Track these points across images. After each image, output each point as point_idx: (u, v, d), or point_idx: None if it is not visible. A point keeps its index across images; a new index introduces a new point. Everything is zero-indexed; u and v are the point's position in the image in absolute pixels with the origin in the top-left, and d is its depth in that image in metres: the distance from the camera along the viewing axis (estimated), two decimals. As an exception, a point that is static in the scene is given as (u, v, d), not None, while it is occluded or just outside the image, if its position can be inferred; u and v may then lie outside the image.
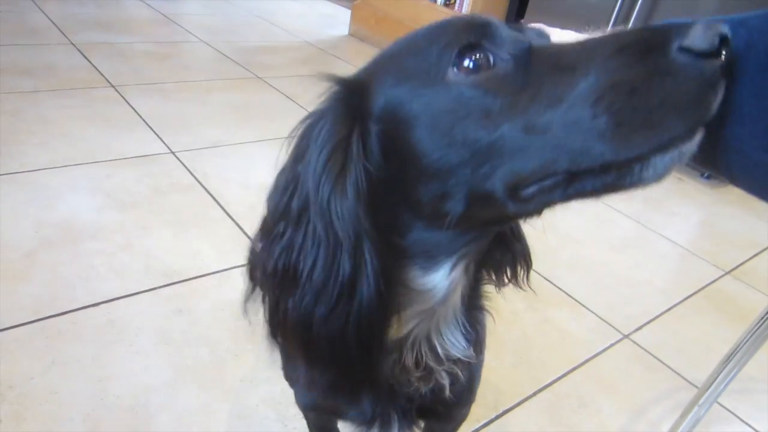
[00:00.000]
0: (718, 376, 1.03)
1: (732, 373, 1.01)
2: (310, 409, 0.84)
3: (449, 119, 0.45)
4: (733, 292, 1.75)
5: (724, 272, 1.84)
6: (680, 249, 1.95)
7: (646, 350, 1.44)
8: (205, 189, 1.76)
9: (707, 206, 2.35)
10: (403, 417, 0.68)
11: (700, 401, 1.05)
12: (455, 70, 0.45)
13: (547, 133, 0.42)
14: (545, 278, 1.66)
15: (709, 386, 1.04)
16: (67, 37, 2.78)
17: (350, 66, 3.16)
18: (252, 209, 1.70)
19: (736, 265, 1.89)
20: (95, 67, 2.49)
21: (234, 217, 1.65)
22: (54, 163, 1.73)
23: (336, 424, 0.97)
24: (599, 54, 0.41)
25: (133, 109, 2.18)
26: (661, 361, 1.42)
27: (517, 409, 1.21)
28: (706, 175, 2.59)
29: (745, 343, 0.97)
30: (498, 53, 0.45)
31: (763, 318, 0.95)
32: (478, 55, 0.45)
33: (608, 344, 1.45)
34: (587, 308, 1.56)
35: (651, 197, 2.31)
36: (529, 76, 0.44)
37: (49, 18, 3.00)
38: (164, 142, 1.98)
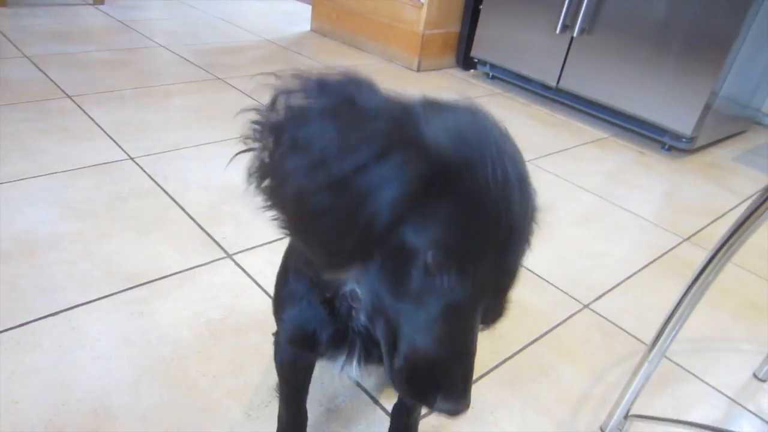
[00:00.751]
0: (662, 331, 1.06)
1: (676, 328, 1.04)
2: (289, 340, 0.83)
3: None
4: (691, 258, 1.80)
5: (682, 239, 1.88)
6: (641, 220, 2.00)
7: (605, 318, 1.48)
8: (165, 192, 1.76)
9: (668, 176, 2.39)
10: (363, 348, 0.74)
11: (649, 357, 1.08)
12: None
13: None
14: (507, 256, 1.68)
15: (656, 342, 1.07)
16: (20, 50, 2.75)
17: (312, 61, 3.17)
18: (213, 208, 1.71)
19: (695, 232, 1.93)
20: (50, 78, 2.47)
21: (195, 218, 1.66)
22: (10, 177, 1.72)
23: (309, 376, 0.98)
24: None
25: (91, 118, 2.17)
26: (620, 327, 1.45)
27: (478, 382, 1.24)
28: (667, 147, 2.64)
29: (686, 297, 1.00)
30: None
31: (701, 270, 0.98)
32: None
33: (568, 315, 1.48)
34: (549, 282, 1.59)
35: (613, 172, 2.35)
36: None
37: (0, 32, 2.97)
38: (123, 149, 1.97)
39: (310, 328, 0.75)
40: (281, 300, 0.82)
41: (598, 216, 1.99)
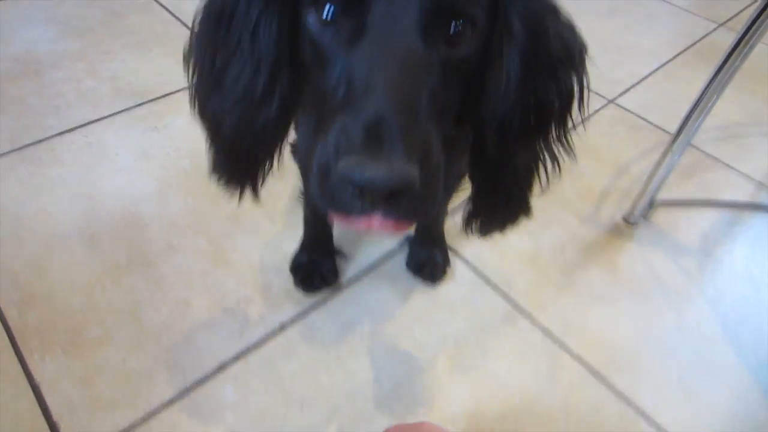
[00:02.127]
0: (688, 118, 1.01)
1: (703, 114, 0.99)
2: None
3: None
4: (725, 44, 1.67)
5: (717, 24, 1.75)
6: (671, 7, 1.84)
7: (631, 112, 1.43)
8: (163, 6, 1.65)
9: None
10: None
11: (674, 145, 1.05)
12: None
13: None
14: (530, 55, 1.59)
15: (682, 129, 1.03)
16: None
17: None
18: (215, 19, 1.61)
19: (731, 16, 1.79)
20: None
21: (198, 30, 1.57)
22: (-2, -4, 1.62)
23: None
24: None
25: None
26: (647, 120, 1.41)
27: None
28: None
29: (713, 82, 0.94)
30: None
31: (729, 53, 0.91)
32: None
33: (592, 111, 1.43)
34: (573, 79, 1.52)
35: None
36: None
37: None
38: (111, -40, 1.82)
39: None
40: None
41: (624, 6, 1.84)
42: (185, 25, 1.59)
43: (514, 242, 1.11)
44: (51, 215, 1.08)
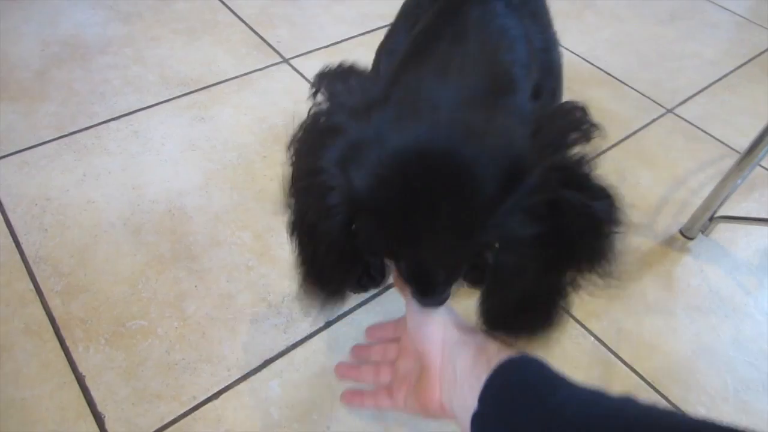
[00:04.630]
0: (761, 138, 0.96)
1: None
2: None
3: None
4: (790, 58, 1.61)
5: (782, 36, 1.68)
6: (736, 17, 1.78)
7: (690, 122, 1.37)
8: (211, -7, 1.63)
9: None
10: None
11: (742, 164, 1.00)
12: None
13: None
14: (584, 59, 1.54)
15: (753, 149, 0.98)
16: None
17: None
18: (263, 11, 1.59)
19: (797, 28, 1.72)
20: None
21: (246, 20, 1.55)
22: (48, -22, 1.62)
23: None
24: None
25: None
26: (706, 132, 1.35)
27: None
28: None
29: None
30: None
31: None
32: None
33: (650, 120, 1.37)
34: (629, 86, 1.47)
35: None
36: None
37: None
38: (160, -53, 1.81)
39: None
40: None
41: (686, 13, 1.77)
42: (234, 12, 1.57)
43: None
44: (95, 204, 1.07)
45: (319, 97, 0.54)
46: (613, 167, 1.24)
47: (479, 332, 0.60)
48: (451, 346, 0.59)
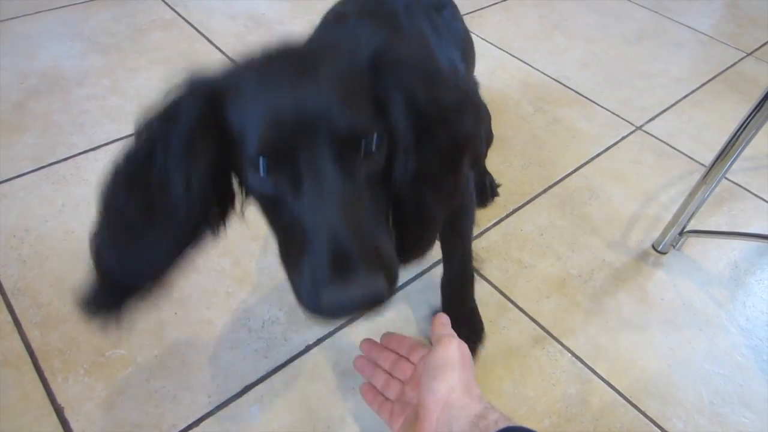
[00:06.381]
0: (725, 152, 0.99)
1: (740, 148, 0.97)
2: None
3: None
4: (754, 73, 1.67)
5: (745, 54, 1.74)
6: (700, 35, 1.84)
7: (659, 139, 1.41)
8: (188, 23, 1.66)
9: (731, -13, 2.17)
10: None
11: (709, 177, 1.03)
12: None
13: None
14: (554, 79, 1.59)
15: (717, 162, 1.01)
16: None
17: None
18: (240, 39, 1.61)
19: (759, 45, 1.78)
20: None
21: (222, 49, 1.57)
22: (26, 10, 1.63)
23: None
24: None
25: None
26: (675, 148, 1.39)
27: (527, 206, 1.21)
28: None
29: (752, 117, 0.92)
30: None
31: None
32: None
33: (620, 137, 1.41)
34: (598, 104, 1.51)
35: (669, -16, 2.13)
36: None
37: None
38: (138, -22, 1.84)
39: None
40: None
41: (652, 33, 1.83)
42: (210, 41, 1.59)
43: (542, 267, 1.09)
44: (75, 235, 1.07)
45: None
46: (585, 184, 1.27)
47: (484, 400, 0.62)
48: (451, 409, 0.61)
